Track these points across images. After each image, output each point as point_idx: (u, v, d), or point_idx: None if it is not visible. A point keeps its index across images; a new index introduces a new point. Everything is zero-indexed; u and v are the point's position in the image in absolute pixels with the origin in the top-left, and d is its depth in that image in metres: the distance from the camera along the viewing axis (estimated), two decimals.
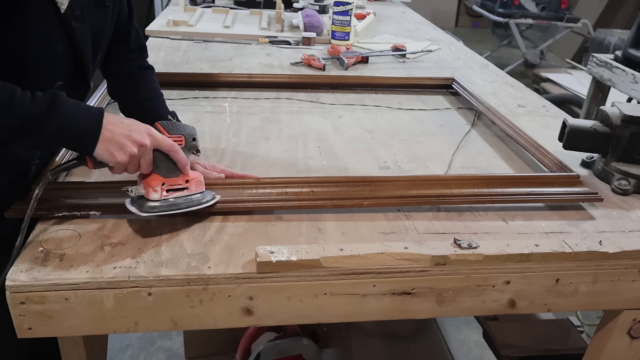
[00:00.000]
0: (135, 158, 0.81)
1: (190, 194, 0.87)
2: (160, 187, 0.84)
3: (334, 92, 1.58)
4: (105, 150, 0.80)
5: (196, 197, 0.87)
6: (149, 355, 1.86)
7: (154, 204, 0.83)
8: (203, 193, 0.89)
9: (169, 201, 0.84)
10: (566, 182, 1.03)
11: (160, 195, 0.84)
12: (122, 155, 0.80)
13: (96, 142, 0.79)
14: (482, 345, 1.85)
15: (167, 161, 0.85)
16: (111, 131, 0.79)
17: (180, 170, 0.86)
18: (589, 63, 2.12)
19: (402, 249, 0.81)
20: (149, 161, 0.83)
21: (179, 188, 0.86)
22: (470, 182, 1.00)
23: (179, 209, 0.85)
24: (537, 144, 1.19)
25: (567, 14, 4.83)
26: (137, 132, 0.81)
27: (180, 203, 0.85)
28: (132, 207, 0.83)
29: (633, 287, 0.89)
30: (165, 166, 0.84)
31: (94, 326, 0.77)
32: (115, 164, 0.81)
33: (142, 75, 1.12)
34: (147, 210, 0.82)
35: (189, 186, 0.87)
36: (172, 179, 0.85)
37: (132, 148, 0.80)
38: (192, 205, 0.86)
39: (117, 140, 0.80)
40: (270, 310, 0.80)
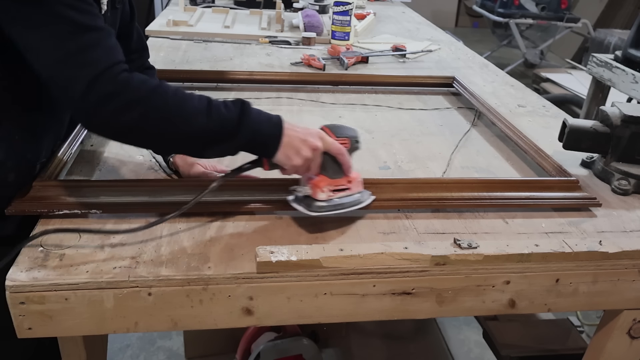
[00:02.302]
0: (309, 161, 0.85)
1: (352, 194, 0.90)
2: (327, 188, 0.87)
3: (334, 91, 1.58)
4: (283, 155, 0.84)
5: (357, 196, 0.90)
6: (149, 355, 1.86)
7: (321, 204, 0.86)
8: (362, 193, 0.92)
9: (334, 201, 0.87)
10: (565, 186, 1.03)
11: (327, 196, 0.87)
12: (298, 159, 0.84)
13: (278, 147, 0.83)
14: (482, 345, 1.85)
15: (334, 163, 0.88)
16: (290, 136, 0.83)
17: (345, 172, 0.89)
18: (589, 63, 2.12)
19: (402, 249, 0.81)
20: (319, 164, 0.87)
21: (342, 188, 0.89)
22: (470, 186, 1.00)
23: (343, 209, 0.88)
24: (537, 147, 1.18)
25: (567, 14, 4.83)
26: (311, 136, 0.85)
27: (344, 203, 0.88)
28: (299, 206, 0.87)
29: (633, 287, 0.89)
30: (332, 168, 0.88)
31: (94, 326, 0.77)
32: (291, 167, 0.85)
33: None
34: (316, 210, 0.86)
35: (350, 186, 0.90)
36: (337, 180, 0.88)
37: (307, 152, 0.84)
38: (354, 205, 0.89)
39: (295, 145, 0.83)
40: (270, 310, 0.80)
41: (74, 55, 0.74)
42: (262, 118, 0.83)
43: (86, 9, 0.76)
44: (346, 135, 0.91)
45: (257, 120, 0.82)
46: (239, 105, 0.82)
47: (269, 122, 0.84)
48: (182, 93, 0.81)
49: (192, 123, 0.79)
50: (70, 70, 0.75)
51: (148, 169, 1.06)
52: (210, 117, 0.79)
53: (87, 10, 0.76)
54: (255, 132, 0.82)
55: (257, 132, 0.82)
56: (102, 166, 1.06)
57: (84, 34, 0.75)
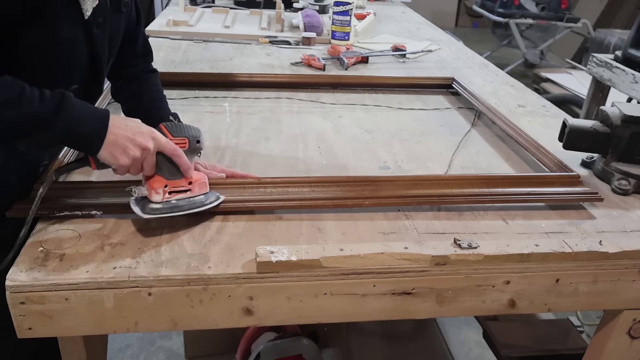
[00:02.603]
0: (138, 161, 0.82)
1: (193, 196, 0.87)
2: (163, 190, 0.84)
3: (334, 92, 1.58)
4: (108, 153, 0.80)
5: (199, 198, 0.88)
6: (149, 355, 1.86)
7: (156, 205, 0.84)
8: (207, 194, 0.89)
9: (171, 203, 0.85)
10: (566, 181, 1.03)
11: (162, 198, 0.84)
12: (125, 158, 0.80)
13: (101, 144, 0.79)
14: (482, 345, 1.85)
15: (170, 164, 0.85)
16: (115, 134, 0.80)
17: (183, 174, 0.86)
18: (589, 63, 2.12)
19: (402, 249, 0.81)
20: (152, 164, 0.84)
21: (182, 190, 0.86)
22: (471, 182, 1.00)
23: (181, 211, 0.85)
24: (537, 143, 1.19)
25: (567, 14, 4.83)
26: (140, 135, 0.81)
27: (183, 205, 0.86)
28: (135, 207, 0.84)
29: (633, 287, 0.89)
30: (168, 169, 0.85)
31: (94, 326, 0.77)
32: (118, 166, 0.82)
33: (145, 77, 1.13)
34: (149, 212, 0.83)
35: (192, 188, 0.87)
36: (175, 181, 0.85)
37: (135, 151, 0.81)
38: (194, 207, 0.87)
39: (121, 143, 0.80)
40: (270, 310, 0.80)
41: None
42: (84, 113, 0.79)
43: None
44: (184, 135, 0.87)
45: (77, 116, 0.78)
46: (57, 98, 0.77)
47: (91, 118, 0.79)
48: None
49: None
50: None
51: None
52: (19, 109, 0.74)
53: None
54: (71, 128, 0.77)
55: (73, 128, 0.77)
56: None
57: None
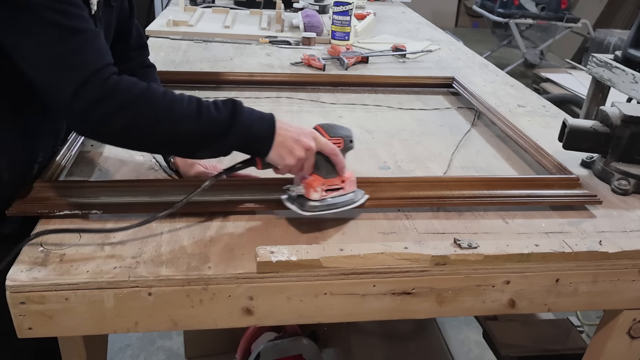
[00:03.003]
0: (302, 161, 0.85)
1: (345, 194, 0.90)
2: (320, 188, 0.87)
3: (334, 91, 1.58)
4: (277, 154, 0.83)
5: (350, 196, 0.91)
6: (149, 355, 1.86)
7: (314, 203, 0.86)
8: (356, 192, 0.92)
9: (328, 201, 0.88)
10: (566, 184, 1.03)
11: (320, 196, 0.87)
12: (291, 158, 0.84)
13: (270, 146, 0.83)
14: (482, 345, 1.85)
15: (327, 163, 0.88)
16: (283, 136, 0.83)
17: (338, 172, 0.89)
18: (588, 63, 2.12)
19: (402, 249, 0.81)
20: (312, 163, 0.87)
21: (336, 188, 0.89)
22: (471, 184, 1.00)
23: (337, 208, 0.88)
24: (537, 145, 1.19)
25: (567, 14, 4.83)
26: (304, 136, 0.84)
27: (337, 202, 0.88)
28: (292, 205, 0.87)
29: (633, 287, 0.89)
30: (325, 168, 0.88)
31: (94, 326, 0.77)
32: (284, 166, 0.85)
33: (143, 73, 1.12)
34: (309, 210, 0.86)
35: (344, 186, 0.90)
36: (330, 180, 0.88)
37: (300, 152, 0.84)
38: (347, 205, 0.89)
39: (288, 145, 0.83)
40: (270, 310, 0.80)
41: (62, 59, 0.74)
42: (254, 118, 0.83)
43: (73, 12, 0.76)
44: (340, 135, 0.90)
45: (249, 121, 0.82)
46: (230, 105, 0.82)
47: (261, 121, 0.83)
48: (171, 95, 0.80)
49: (181, 126, 0.79)
50: (58, 74, 0.74)
51: (148, 169, 1.06)
52: (200, 119, 0.79)
53: (74, 13, 0.76)
54: (247, 133, 0.82)
55: (249, 132, 0.82)
56: (102, 166, 1.06)
57: (71, 37, 0.75)
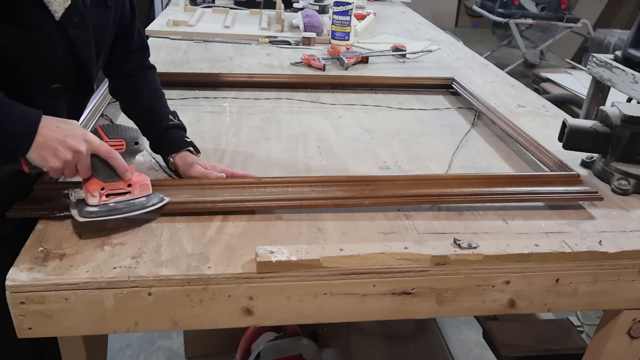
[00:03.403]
0: (71, 164, 0.80)
1: (133, 198, 0.85)
2: (99, 192, 0.82)
3: (334, 92, 1.58)
4: (38, 156, 0.78)
5: (140, 200, 0.86)
6: (149, 355, 1.86)
7: (92, 208, 0.82)
8: (149, 196, 0.87)
9: (109, 206, 0.83)
10: (566, 181, 1.03)
11: (98, 200, 0.82)
12: (55, 160, 0.78)
13: (29, 147, 0.77)
14: (482, 345, 1.85)
15: (107, 166, 0.83)
16: (45, 136, 0.78)
17: (120, 176, 0.84)
18: (588, 63, 2.12)
19: (402, 249, 0.81)
20: (86, 166, 0.81)
21: (121, 192, 0.84)
22: (471, 181, 1.00)
23: (120, 214, 0.84)
24: (537, 143, 1.19)
25: (567, 14, 4.83)
26: (72, 137, 0.79)
27: (121, 208, 0.84)
28: (72, 210, 0.83)
29: (633, 287, 0.89)
30: (104, 171, 0.83)
31: (94, 326, 0.77)
32: (49, 169, 0.80)
33: (143, 74, 1.12)
34: (85, 215, 0.81)
35: (131, 190, 0.85)
36: (113, 184, 0.83)
37: (66, 154, 0.78)
38: (134, 210, 0.85)
39: (51, 146, 0.78)
40: (270, 310, 0.80)
41: None
42: (14, 115, 0.77)
43: None
44: (121, 137, 0.85)
45: (4, 117, 0.76)
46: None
47: (20, 120, 0.78)
48: None
49: None
50: None
51: (148, 169, 1.06)
52: None
53: None
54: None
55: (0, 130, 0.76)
56: None
57: None
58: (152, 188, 0.88)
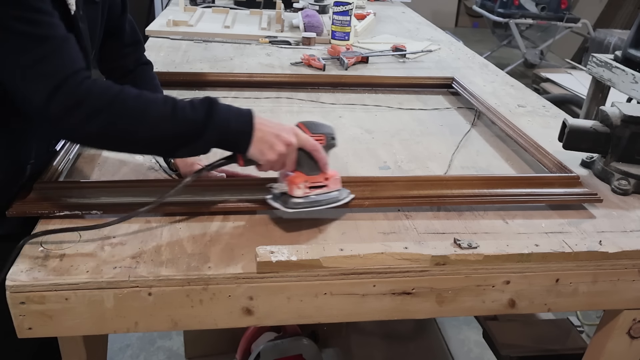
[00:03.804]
0: (283, 157, 0.84)
1: (329, 191, 0.89)
2: (304, 185, 0.86)
3: (334, 92, 1.58)
4: (257, 150, 0.83)
5: (334, 194, 0.90)
6: (149, 355, 1.86)
7: (297, 200, 0.86)
8: (340, 191, 0.91)
9: (311, 198, 0.87)
10: (566, 182, 1.03)
11: (303, 192, 0.86)
12: (272, 154, 0.83)
13: (249, 142, 0.83)
14: (482, 345, 1.85)
15: (310, 160, 0.87)
16: (262, 131, 0.83)
17: (321, 169, 0.88)
18: (588, 63, 2.12)
19: (402, 249, 0.81)
20: (294, 160, 0.86)
21: (320, 185, 0.89)
22: (471, 183, 1.00)
23: (320, 206, 0.88)
24: (537, 144, 1.19)
25: (567, 14, 4.83)
26: (285, 131, 0.84)
27: (321, 200, 0.88)
28: (275, 203, 0.87)
29: (633, 287, 0.89)
30: (307, 164, 0.87)
31: (94, 326, 0.77)
32: (265, 162, 0.84)
33: (140, 71, 1.12)
34: (292, 207, 0.86)
35: (328, 184, 0.89)
36: (314, 177, 0.88)
37: (281, 147, 0.83)
38: (331, 202, 0.89)
39: (268, 140, 0.83)
40: (270, 310, 0.80)
41: (32, 68, 0.74)
42: (232, 115, 0.83)
43: (41, 20, 0.75)
44: (321, 132, 0.90)
45: (226, 117, 0.82)
46: (206, 103, 0.82)
47: (238, 118, 0.83)
48: (145, 97, 0.80)
49: (157, 128, 0.79)
50: (29, 84, 0.74)
51: (148, 169, 1.06)
52: (175, 120, 0.79)
53: (41, 21, 0.75)
54: (224, 129, 0.82)
55: (226, 129, 0.82)
56: (102, 166, 1.06)
57: (40, 45, 0.75)
58: None
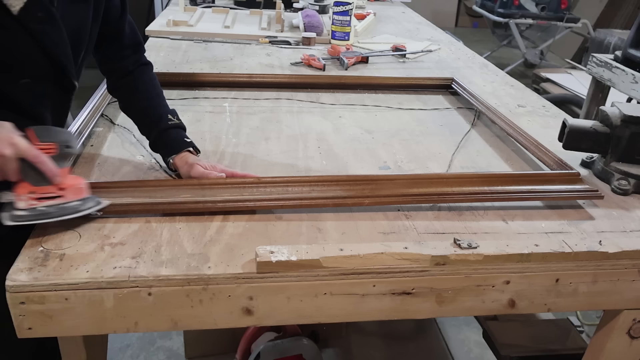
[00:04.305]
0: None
1: (65, 202, 0.83)
2: (28, 196, 0.81)
3: (334, 92, 1.58)
4: None
5: (73, 204, 0.84)
6: (149, 355, 1.86)
7: (20, 212, 0.80)
8: (85, 200, 0.85)
9: (38, 210, 0.81)
10: (566, 179, 1.03)
11: (27, 204, 0.80)
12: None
13: None
14: (482, 345, 1.85)
15: (37, 170, 0.80)
16: None
17: (50, 180, 0.82)
18: (588, 63, 2.12)
19: (402, 249, 0.81)
20: (13, 170, 0.79)
21: (52, 196, 0.82)
22: (471, 180, 1.00)
23: (50, 218, 0.82)
24: (537, 142, 1.19)
25: (567, 14, 4.83)
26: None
27: (52, 212, 0.82)
28: (3, 213, 0.81)
29: (633, 287, 0.89)
30: (34, 175, 0.81)
31: (94, 326, 0.77)
32: None
33: (140, 71, 1.12)
34: (13, 219, 0.79)
35: (64, 194, 0.83)
36: (44, 187, 0.82)
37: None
38: (66, 213, 0.83)
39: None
40: (270, 310, 0.80)
41: None
42: None
43: None
44: (53, 140, 0.83)
45: None
46: None
47: None
48: None
49: None
50: None
51: (148, 169, 1.06)
52: None
53: None
54: None
55: None
56: (102, 166, 1.06)
57: None
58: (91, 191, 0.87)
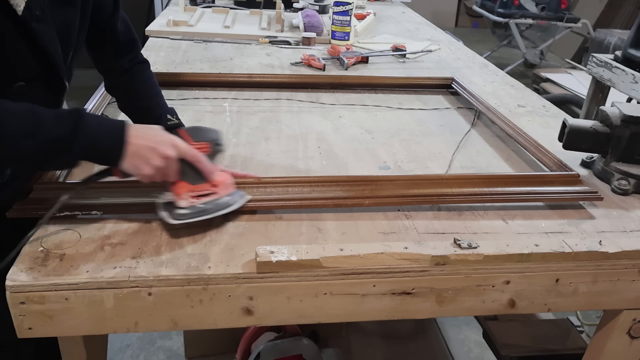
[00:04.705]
0: (162, 169, 0.82)
1: (219, 198, 0.87)
2: (188, 195, 0.85)
3: (334, 92, 1.58)
4: (130, 164, 0.81)
5: (225, 200, 0.88)
6: (149, 355, 1.86)
7: (182, 211, 0.84)
8: (232, 195, 0.90)
9: (198, 207, 0.85)
10: (566, 181, 1.03)
11: (188, 203, 0.85)
12: (148, 168, 0.81)
13: (120, 157, 0.80)
14: (482, 345, 1.85)
15: (194, 169, 0.85)
16: (136, 145, 0.80)
17: (206, 178, 0.87)
18: (588, 63, 2.12)
19: (402, 249, 0.81)
20: (175, 171, 0.84)
21: (207, 194, 0.87)
22: (471, 181, 1.00)
23: (208, 214, 0.86)
24: (537, 143, 1.19)
25: (567, 14, 4.83)
26: (161, 144, 0.82)
27: (209, 208, 0.86)
28: (162, 213, 0.85)
29: (633, 287, 0.89)
30: (191, 174, 0.86)
31: (94, 326, 0.77)
32: (142, 176, 0.82)
33: (136, 70, 1.11)
34: (177, 218, 0.84)
35: (217, 190, 0.88)
36: (200, 186, 0.86)
37: (157, 161, 0.81)
38: (221, 209, 0.87)
39: (142, 154, 0.80)
40: (270, 310, 0.80)
41: None
42: (102, 129, 0.79)
43: None
44: (206, 139, 0.88)
45: (94, 133, 0.78)
46: (74, 117, 0.77)
47: (109, 133, 0.80)
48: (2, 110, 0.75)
49: (16, 144, 0.74)
50: None
51: None
52: (36, 137, 0.74)
53: None
54: (92, 146, 0.78)
55: (94, 146, 0.78)
56: (101, 167, 1.05)
57: None
58: None
